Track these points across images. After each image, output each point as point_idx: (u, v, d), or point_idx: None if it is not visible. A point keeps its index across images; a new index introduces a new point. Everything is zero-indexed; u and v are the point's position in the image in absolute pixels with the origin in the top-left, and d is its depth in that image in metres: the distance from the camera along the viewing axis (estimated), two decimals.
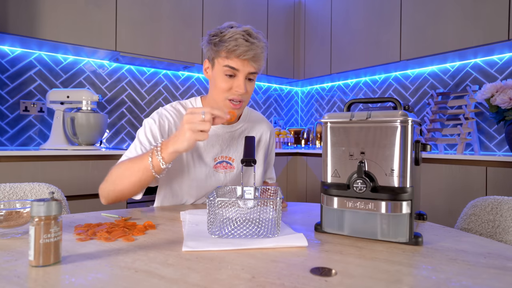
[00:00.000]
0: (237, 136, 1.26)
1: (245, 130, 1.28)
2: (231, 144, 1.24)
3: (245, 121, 1.30)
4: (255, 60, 1.08)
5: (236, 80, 1.09)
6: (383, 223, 0.74)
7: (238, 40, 1.05)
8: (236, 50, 1.05)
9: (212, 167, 1.22)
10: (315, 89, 3.78)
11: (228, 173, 1.24)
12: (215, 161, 1.22)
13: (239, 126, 1.27)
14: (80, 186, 2.01)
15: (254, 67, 1.09)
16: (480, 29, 2.17)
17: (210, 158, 1.21)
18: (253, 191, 0.95)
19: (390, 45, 2.67)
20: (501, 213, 1.00)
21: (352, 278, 0.55)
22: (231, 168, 1.24)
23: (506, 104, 1.99)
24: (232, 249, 0.68)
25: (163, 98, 3.01)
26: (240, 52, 1.05)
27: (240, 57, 1.06)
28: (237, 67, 1.08)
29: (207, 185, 1.21)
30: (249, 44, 1.05)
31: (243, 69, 1.08)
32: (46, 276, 0.54)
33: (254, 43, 1.06)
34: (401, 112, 0.74)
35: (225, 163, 1.23)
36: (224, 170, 1.23)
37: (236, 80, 1.10)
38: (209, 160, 1.21)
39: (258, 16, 3.21)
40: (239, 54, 1.05)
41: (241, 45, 1.04)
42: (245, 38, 1.05)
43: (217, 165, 1.22)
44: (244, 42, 1.05)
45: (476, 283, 0.54)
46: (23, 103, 2.41)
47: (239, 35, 1.05)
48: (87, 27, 2.33)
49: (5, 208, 0.82)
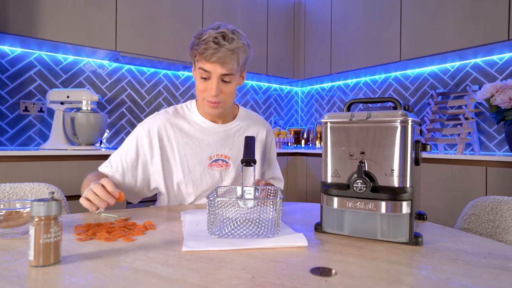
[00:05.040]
0: (232, 134, 1.28)
1: (240, 128, 1.30)
2: (226, 142, 1.26)
3: (240, 120, 1.32)
4: (222, 62, 1.10)
5: (210, 82, 1.13)
6: (383, 223, 0.74)
7: (208, 43, 1.08)
8: (203, 53, 1.09)
9: (208, 166, 1.23)
10: (315, 89, 3.78)
11: (224, 171, 1.25)
12: (210, 159, 1.24)
13: (234, 125, 1.29)
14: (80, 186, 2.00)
15: (224, 69, 1.11)
16: (480, 29, 2.17)
17: (205, 156, 1.23)
18: (253, 191, 0.95)
19: (390, 45, 2.67)
20: (501, 213, 1.00)
21: (352, 278, 0.55)
22: (227, 166, 1.26)
23: (506, 104, 1.99)
24: (232, 249, 0.68)
25: (163, 98, 3.01)
26: (206, 55, 1.08)
27: (207, 59, 1.09)
28: (209, 70, 1.11)
29: (203, 184, 1.23)
30: (217, 47, 1.07)
31: (214, 71, 1.11)
32: (46, 276, 0.54)
33: (224, 46, 1.08)
34: (401, 112, 0.74)
35: (221, 161, 1.25)
36: (220, 168, 1.25)
37: (209, 82, 1.14)
38: (205, 158, 1.23)
39: (258, 16, 3.21)
40: (206, 56, 1.09)
41: (209, 48, 1.08)
42: (215, 41, 1.08)
43: (213, 164, 1.24)
44: (212, 45, 1.07)
45: (476, 283, 0.54)
46: (23, 103, 2.41)
47: (211, 38, 1.08)
48: (87, 27, 2.33)
49: (5, 208, 0.82)
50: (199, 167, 1.22)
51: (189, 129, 1.24)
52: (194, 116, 1.26)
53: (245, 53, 1.15)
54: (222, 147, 1.25)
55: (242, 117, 1.33)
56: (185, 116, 1.26)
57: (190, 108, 1.28)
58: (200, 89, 1.16)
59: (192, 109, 1.28)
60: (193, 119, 1.26)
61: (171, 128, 1.22)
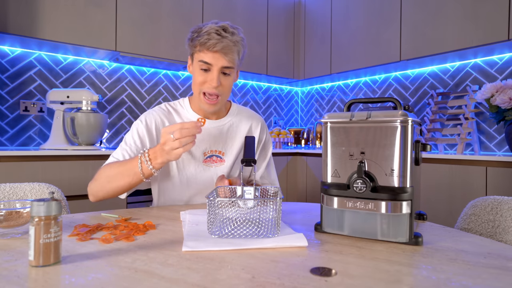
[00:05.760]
0: (225, 130, 1.29)
1: (232, 124, 1.31)
2: (219, 138, 1.27)
3: (233, 116, 1.32)
4: (225, 52, 1.12)
5: (210, 74, 1.15)
6: (383, 223, 0.74)
7: (210, 34, 1.10)
8: (206, 43, 1.10)
9: (202, 162, 1.24)
10: (315, 89, 3.78)
11: (218, 167, 1.26)
12: (205, 155, 1.25)
13: (227, 121, 1.30)
14: (80, 186, 2.01)
15: (226, 60, 1.13)
16: (480, 29, 2.17)
17: (200, 153, 1.24)
18: (253, 191, 0.95)
19: (390, 45, 2.67)
20: (501, 213, 1.00)
21: (352, 278, 0.55)
22: (221, 161, 1.27)
23: (506, 104, 1.99)
24: (232, 249, 0.68)
25: (163, 98, 3.01)
26: (210, 44, 1.10)
27: (210, 49, 1.11)
28: (210, 61, 1.13)
29: (198, 180, 1.23)
30: (220, 38, 1.10)
31: (216, 62, 1.13)
32: (46, 276, 0.54)
33: (226, 37, 1.11)
34: (401, 112, 0.74)
35: (215, 157, 1.26)
36: (215, 164, 1.26)
37: (210, 74, 1.15)
38: (199, 155, 1.24)
39: (258, 16, 3.21)
40: (209, 46, 1.10)
41: (212, 38, 1.10)
42: (217, 32, 1.11)
43: (207, 160, 1.25)
44: (215, 36, 1.10)
45: (476, 283, 0.54)
46: (23, 103, 2.41)
47: (213, 30, 1.11)
48: (87, 27, 2.33)
49: (5, 208, 0.82)
50: (193, 163, 1.23)
51: None
52: (186, 113, 1.27)
53: (243, 48, 1.19)
54: (216, 143, 1.26)
55: (234, 112, 1.34)
56: (178, 112, 1.27)
57: (183, 105, 1.29)
58: (199, 81, 1.16)
59: (185, 105, 1.29)
60: (186, 116, 1.27)
61: (168, 123, 1.23)
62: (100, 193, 1.09)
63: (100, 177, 1.08)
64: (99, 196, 1.09)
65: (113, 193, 1.08)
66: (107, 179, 1.06)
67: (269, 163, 1.41)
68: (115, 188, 1.06)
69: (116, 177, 1.05)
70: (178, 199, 1.25)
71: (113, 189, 1.07)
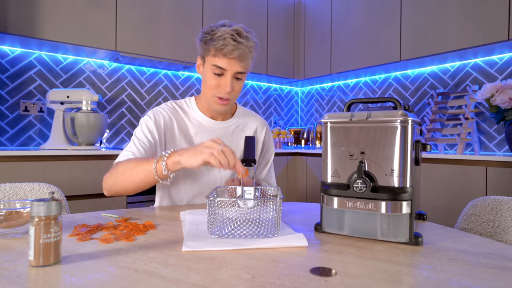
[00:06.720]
0: (230, 132, 1.29)
1: (238, 125, 1.31)
2: (224, 139, 1.26)
3: (239, 117, 1.33)
4: (241, 59, 1.11)
5: (224, 79, 1.13)
6: (383, 223, 0.74)
7: (226, 40, 1.08)
8: (223, 49, 1.08)
9: None
10: (315, 89, 3.78)
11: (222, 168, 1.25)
12: None
13: (233, 122, 1.30)
14: (80, 186, 2.01)
15: (241, 67, 1.12)
16: (480, 29, 2.17)
17: None
18: (253, 191, 0.95)
19: (390, 45, 2.67)
20: (501, 213, 1.00)
21: (352, 278, 0.55)
22: None
23: (506, 104, 1.99)
24: (232, 249, 0.68)
25: (163, 98, 3.01)
26: (226, 51, 1.08)
27: (227, 56, 1.09)
28: (224, 67, 1.11)
29: (201, 180, 1.23)
30: (236, 44, 1.08)
31: (230, 68, 1.11)
32: (46, 276, 0.54)
33: (242, 43, 1.09)
34: (401, 112, 0.74)
35: None
36: None
37: (223, 79, 1.13)
38: None
39: (258, 16, 3.21)
40: (226, 53, 1.08)
41: (228, 44, 1.08)
42: (233, 38, 1.08)
43: None
44: (231, 42, 1.08)
45: (476, 283, 0.54)
46: (23, 103, 2.41)
47: (228, 34, 1.08)
48: (87, 27, 2.33)
49: (5, 208, 0.82)
50: None
51: (189, 125, 1.24)
52: (193, 113, 1.27)
53: (256, 52, 1.18)
54: None
55: (240, 114, 1.34)
56: (185, 111, 1.27)
57: (190, 105, 1.28)
58: (212, 85, 1.14)
59: (192, 105, 1.28)
60: (192, 116, 1.26)
61: (176, 121, 1.23)
62: (113, 187, 1.03)
63: (116, 171, 1.02)
64: (113, 190, 1.05)
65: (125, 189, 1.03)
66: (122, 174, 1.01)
67: (270, 167, 1.42)
68: (128, 184, 1.01)
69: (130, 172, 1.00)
70: (182, 198, 1.25)
71: (125, 185, 1.02)
